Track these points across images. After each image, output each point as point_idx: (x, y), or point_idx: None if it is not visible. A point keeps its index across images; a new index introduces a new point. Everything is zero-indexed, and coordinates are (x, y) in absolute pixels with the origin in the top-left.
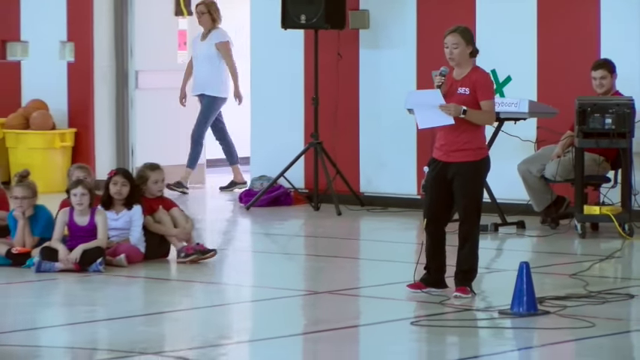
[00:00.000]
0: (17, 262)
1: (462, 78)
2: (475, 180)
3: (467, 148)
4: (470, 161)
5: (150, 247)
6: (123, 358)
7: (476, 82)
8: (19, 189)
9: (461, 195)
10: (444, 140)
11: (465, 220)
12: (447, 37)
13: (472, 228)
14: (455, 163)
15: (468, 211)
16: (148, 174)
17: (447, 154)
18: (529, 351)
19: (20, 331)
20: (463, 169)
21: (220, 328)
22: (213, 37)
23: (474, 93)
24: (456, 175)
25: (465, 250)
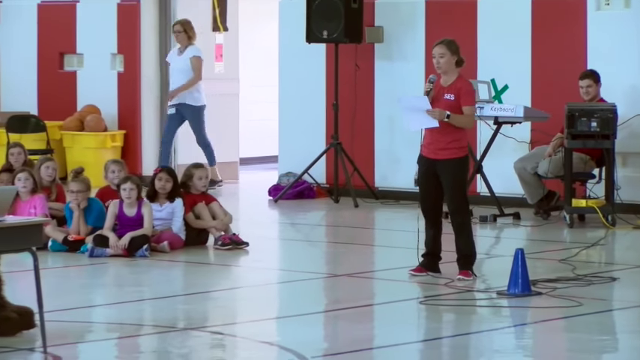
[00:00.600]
0: (73, 249)
1: (448, 85)
2: (460, 174)
3: (451, 147)
4: (454, 158)
5: (190, 236)
6: (166, 332)
7: (460, 89)
8: (74, 184)
9: (448, 188)
10: (430, 139)
11: (455, 212)
12: (434, 48)
13: (464, 217)
14: (441, 160)
15: (457, 203)
16: (193, 171)
17: (433, 152)
18: (524, 327)
19: (75, 309)
20: (449, 165)
21: (252, 306)
22: (189, 52)
23: (458, 99)
24: (443, 170)
25: (462, 238)
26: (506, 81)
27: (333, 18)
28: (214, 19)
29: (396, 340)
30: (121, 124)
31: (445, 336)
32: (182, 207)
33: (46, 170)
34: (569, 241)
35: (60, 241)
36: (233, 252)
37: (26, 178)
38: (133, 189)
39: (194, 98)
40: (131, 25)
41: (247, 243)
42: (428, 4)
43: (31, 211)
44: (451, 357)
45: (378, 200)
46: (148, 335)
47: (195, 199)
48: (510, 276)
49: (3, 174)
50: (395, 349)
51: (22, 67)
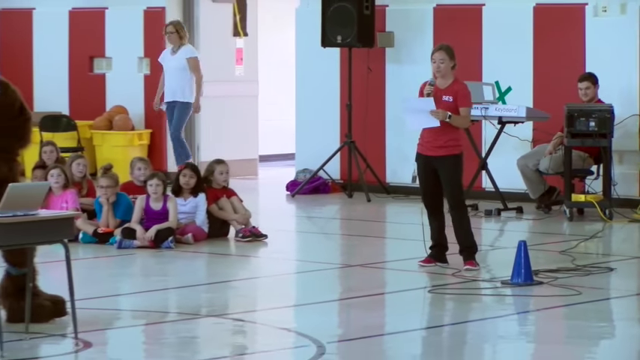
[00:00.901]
0: (102, 240)
1: (445, 88)
2: (457, 170)
3: (448, 145)
4: (451, 155)
5: (212, 228)
6: (190, 319)
7: (458, 91)
8: (104, 179)
9: (447, 183)
10: (428, 138)
11: (454, 206)
12: (435, 54)
13: (462, 211)
14: (439, 156)
15: (455, 197)
16: (215, 167)
17: (432, 149)
18: (526, 314)
19: (104, 298)
20: (447, 161)
21: (271, 294)
22: (183, 53)
23: (456, 101)
24: (441, 166)
25: (463, 230)
26: (509, 83)
27: (347, 24)
28: (235, 25)
29: (406, 326)
30: (148, 123)
31: (452, 323)
32: (205, 201)
33: (77, 167)
34: (569, 234)
35: (90, 234)
36: (253, 244)
37: (58, 174)
38: (159, 185)
39: (185, 95)
40: (157, 30)
41: (266, 235)
42: (436, 11)
43: (63, 206)
44: (458, 342)
45: (389, 195)
46: (173, 322)
47: (217, 193)
48: (514, 266)
49: (37, 170)
50: (405, 335)
51: (55, 69)
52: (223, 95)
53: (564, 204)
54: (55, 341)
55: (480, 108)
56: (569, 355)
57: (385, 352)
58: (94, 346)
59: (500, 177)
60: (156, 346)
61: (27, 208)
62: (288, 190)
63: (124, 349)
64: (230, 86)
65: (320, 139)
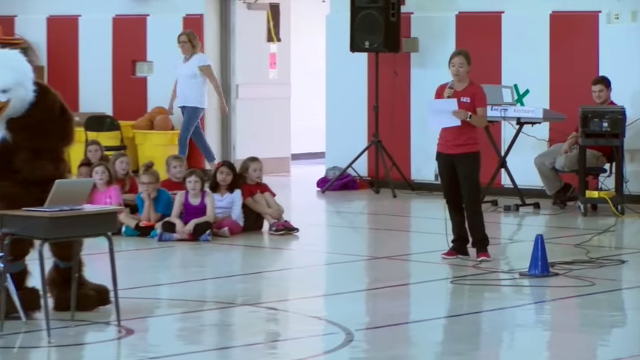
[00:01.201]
0: (144, 234)
1: (462, 90)
2: (474, 167)
3: (467, 143)
4: (469, 152)
5: (247, 222)
6: (226, 308)
7: (475, 93)
8: (145, 176)
9: (464, 179)
10: (448, 137)
11: (471, 202)
12: (454, 58)
13: (477, 206)
14: (458, 154)
15: (472, 193)
16: (249, 164)
17: (452, 148)
18: (543, 304)
19: (146, 287)
20: (465, 159)
21: (302, 284)
22: (195, 61)
23: (473, 102)
24: (459, 163)
25: (477, 224)
26: (527, 86)
27: (374, 30)
28: (269, 31)
29: (429, 315)
30: None
31: (472, 312)
32: (240, 197)
33: (120, 164)
34: (583, 228)
35: (132, 227)
36: (285, 237)
37: (103, 171)
38: (197, 181)
39: (197, 100)
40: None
41: (298, 229)
42: (458, 18)
43: (106, 201)
44: (477, 330)
45: (414, 191)
46: (210, 310)
47: (252, 189)
48: (531, 258)
49: (82, 168)
50: (427, 323)
51: (99, 73)
52: (258, 97)
53: (579, 200)
54: (99, 328)
55: (500, 109)
56: (583, 342)
57: (409, 339)
58: (135, 333)
59: (519, 174)
60: (194, 333)
61: (73, 203)
62: (319, 186)
63: (164, 335)
64: (264, 89)
65: (349, 139)
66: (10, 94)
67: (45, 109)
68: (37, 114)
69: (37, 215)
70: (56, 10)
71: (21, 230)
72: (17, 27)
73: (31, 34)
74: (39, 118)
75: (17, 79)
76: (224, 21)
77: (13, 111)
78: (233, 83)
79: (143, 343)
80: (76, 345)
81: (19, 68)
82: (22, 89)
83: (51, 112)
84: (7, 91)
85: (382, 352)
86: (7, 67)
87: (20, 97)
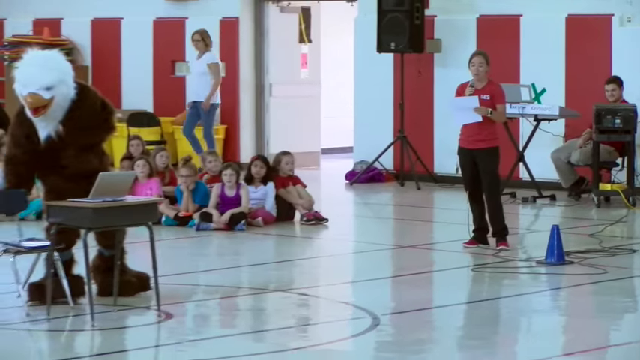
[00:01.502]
0: (182, 223)
1: (482, 87)
2: (494, 160)
3: (487, 139)
4: (489, 147)
5: (280, 213)
6: (259, 294)
7: (494, 91)
8: (184, 169)
9: (485, 172)
10: (469, 133)
11: (491, 194)
12: (474, 58)
13: (497, 197)
14: (478, 149)
15: (492, 185)
16: (281, 158)
17: (472, 143)
18: (558, 290)
19: (184, 274)
20: (486, 153)
21: (331, 272)
22: (205, 59)
23: (492, 99)
24: (480, 158)
25: (497, 215)
26: (544, 85)
27: (400, 32)
28: (300, 33)
29: (451, 301)
30: (223, 119)
31: (491, 297)
32: (274, 189)
33: (161, 158)
34: (597, 219)
35: (172, 217)
36: (315, 227)
37: (144, 164)
38: (232, 174)
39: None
40: (231, 36)
41: (327, 219)
42: (479, 21)
43: (147, 193)
44: (497, 315)
45: (437, 184)
46: (245, 296)
47: (284, 182)
48: (547, 247)
49: (124, 161)
50: (449, 308)
51: (141, 72)
52: (290, 95)
53: (592, 192)
54: (140, 313)
55: (518, 107)
56: (597, 326)
57: (432, 324)
58: (174, 317)
59: (536, 168)
60: (229, 317)
61: (116, 194)
62: (347, 179)
63: (201, 319)
64: (296, 87)
65: (375, 134)
66: (53, 92)
67: (88, 105)
68: (81, 111)
69: (82, 206)
70: (100, 13)
71: (67, 220)
72: (63, 29)
73: (76, 36)
74: (82, 114)
75: (60, 77)
76: (258, 23)
77: (57, 108)
78: (267, 82)
79: (181, 327)
80: (118, 328)
81: (61, 67)
82: (64, 87)
83: (93, 108)
84: (51, 88)
85: (406, 336)
86: (49, 67)
87: (63, 94)
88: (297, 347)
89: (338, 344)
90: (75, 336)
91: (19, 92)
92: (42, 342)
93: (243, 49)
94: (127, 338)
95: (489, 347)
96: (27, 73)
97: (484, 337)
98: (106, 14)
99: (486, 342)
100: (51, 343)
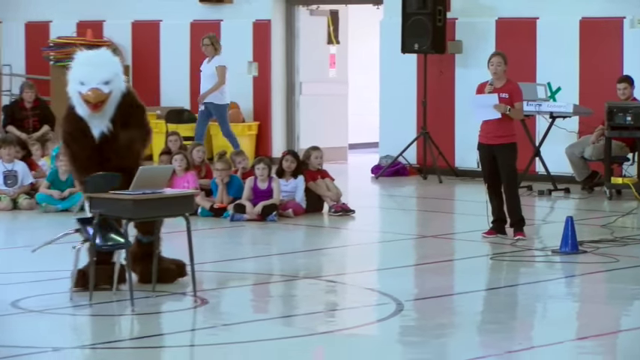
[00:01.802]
0: (217, 215)
1: (501, 86)
2: (512, 156)
3: (505, 135)
4: (507, 143)
5: (309, 205)
6: (290, 281)
7: (512, 90)
8: (219, 163)
9: (503, 167)
10: (488, 130)
11: (508, 186)
12: (492, 58)
13: (514, 190)
14: (497, 145)
15: (510, 179)
16: (311, 152)
17: (491, 138)
18: (573, 278)
19: (219, 262)
20: (504, 149)
21: (358, 260)
22: (215, 62)
23: (511, 97)
24: (498, 153)
25: (514, 206)
26: (559, 84)
27: (423, 34)
28: (329, 35)
29: (471, 287)
30: (256, 116)
31: (509, 285)
32: (303, 182)
33: (197, 153)
34: (609, 211)
35: (207, 209)
36: (343, 218)
37: (181, 159)
38: (264, 168)
39: (218, 98)
40: (264, 38)
41: (354, 210)
42: (498, 23)
43: (184, 185)
44: (514, 301)
45: (458, 177)
46: (276, 283)
47: (313, 175)
48: (562, 237)
49: (163, 156)
50: (469, 295)
51: (178, 71)
52: (319, 93)
53: (605, 185)
54: (177, 299)
55: (535, 105)
56: (609, 312)
57: (453, 309)
58: (209, 303)
59: (551, 163)
60: (261, 303)
61: (154, 187)
62: (373, 172)
63: (235, 305)
64: (324, 86)
65: (400, 130)
66: (111, 86)
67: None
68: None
69: (123, 198)
70: (140, 16)
71: (108, 211)
72: (105, 30)
73: (117, 37)
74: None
75: (114, 71)
76: (289, 26)
77: (111, 102)
78: (297, 81)
79: (216, 312)
80: (156, 313)
81: (113, 62)
82: (119, 80)
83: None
84: (109, 82)
85: (429, 321)
86: (104, 63)
87: (119, 87)
88: (325, 331)
89: (364, 329)
90: (116, 320)
91: (76, 91)
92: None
93: (275, 50)
94: (165, 322)
95: (507, 332)
96: (84, 71)
97: (502, 322)
98: (145, 17)
99: (504, 327)
100: (93, 327)
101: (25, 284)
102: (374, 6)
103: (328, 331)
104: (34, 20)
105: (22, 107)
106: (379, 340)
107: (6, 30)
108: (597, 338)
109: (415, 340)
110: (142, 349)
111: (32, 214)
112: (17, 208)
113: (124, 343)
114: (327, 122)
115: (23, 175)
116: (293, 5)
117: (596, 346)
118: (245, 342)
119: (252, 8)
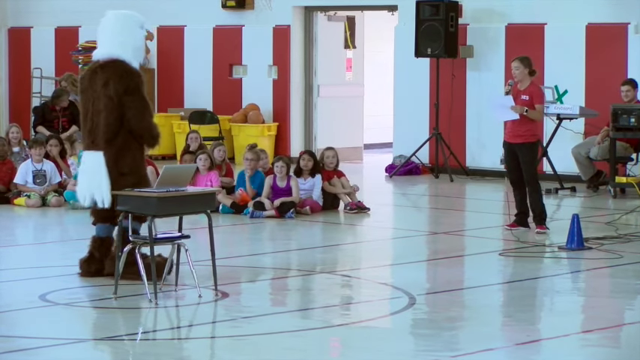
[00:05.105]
0: (238, 211)
1: (523, 89)
2: (532, 154)
3: (526, 134)
4: (528, 142)
5: (326, 202)
6: (307, 275)
7: (532, 92)
8: (249, 153)
9: (524, 164)
10: (511, 129)
11: (529, 182)
12: (513, 63)
13: (535, 185)
14: (518, 143)
15: (530, 175)
16: (324, 152)
17: (513, 137)
18: (578, 273)
19: (239, 257)
20: (524, 147)
21: (372, 255)
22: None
23: (531, 99)
24: (519, 151)
25: (535, 200)
26: (566, 87)
27: (436, 39)
28: (346, 39)
29: (481, 282)
30: (275, 117)
31: (518, 279)
32: (320, 181)
33: (218, 152)
34: (613, 209)
35: (228, 206)
36: (358, 215)
37: (205, 158)
38: (283, 167)
39: None
40: (283, 43)
41: (369, 208)
42: (508, 29)
43: (207, 183)
44: (522, 295)
45: (468, 176)
46: (294, 277)
47: (330, 174)
48: (568, 234)
49: (186, 155)
50: (480, 289)
51: (201, 74)
52: (335, 96)
53: (609, 184)
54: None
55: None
56: (613, 306)
57: (464, 303)
58: (230, 296)
59: (558, 162)
60: (280, 296)
61: (178, 185)
62: (387, 172)
63: (255, 298)
64: (341, 88)
65: (413, 131)
66: None
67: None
68: None
69: (148, 195)
70: (165, 21)
71: (134, 208)
72: None
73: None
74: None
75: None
76: (308, 31)
77: None
78: (315, 84)
79: (236, 305)
80: (178, 306)
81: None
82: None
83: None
84: None
85: (440, 314)
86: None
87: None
88: (340, 324)
89: (377, 321)
90: (140, 312)
91: (142, 35)
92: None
93: (294, 54)
94: (187, 315)
95: (515, 324)
96: (139, 17)
97: (511, 314)
98: (170, 22)
99: (513, 319)
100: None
101: (53, 278)
102: (389, 12)
103: (344, 323)
104: (63, 25)
105: (52, 109)
106: (392, 332)
107: (37, 35)
108: (602, 331)
109: (427, 333)
110: (164, 340)
111: (60, 211)
112: (46, 205)
113: (148, 335)
114: (344, 123)
115: (52, 174)
116: (312, 11)
117: (601, 338)
118: (264, 334)
119: (273, 14)
